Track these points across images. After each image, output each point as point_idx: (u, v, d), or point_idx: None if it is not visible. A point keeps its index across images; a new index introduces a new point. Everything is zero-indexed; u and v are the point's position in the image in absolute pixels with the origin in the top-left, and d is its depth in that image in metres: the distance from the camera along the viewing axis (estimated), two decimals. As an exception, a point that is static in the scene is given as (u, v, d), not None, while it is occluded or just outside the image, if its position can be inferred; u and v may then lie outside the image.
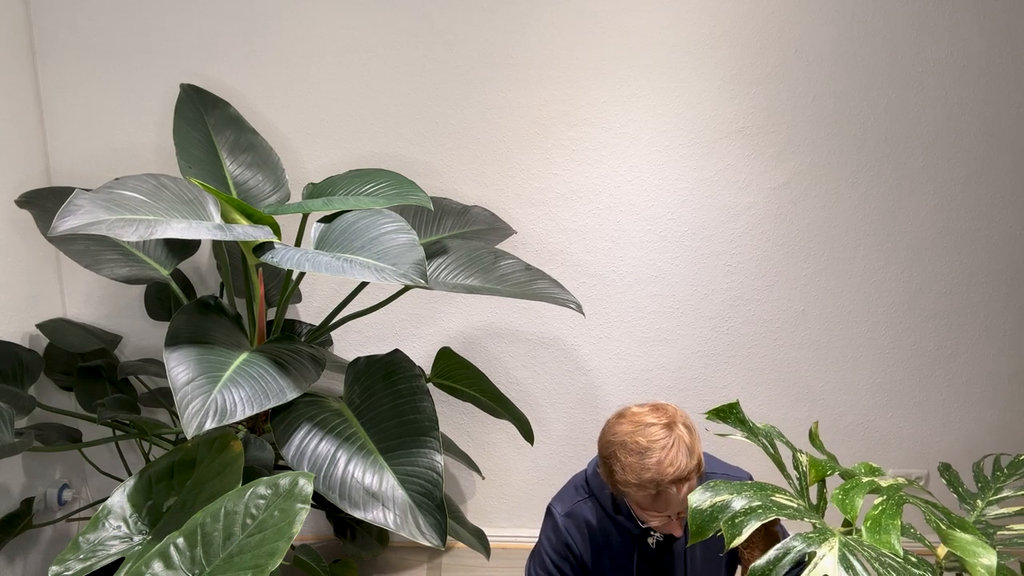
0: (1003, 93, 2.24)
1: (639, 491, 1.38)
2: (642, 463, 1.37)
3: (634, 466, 1.38)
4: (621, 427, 1.42)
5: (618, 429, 1.42)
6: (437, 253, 1.93)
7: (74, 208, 1.42)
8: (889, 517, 1.15)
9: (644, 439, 1.38)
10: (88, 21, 2.14)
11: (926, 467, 2.53)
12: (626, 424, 1.42)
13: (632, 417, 1.43)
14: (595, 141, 2.26)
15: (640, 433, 1.39)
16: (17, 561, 2.10)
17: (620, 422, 1.43)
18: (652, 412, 1.42)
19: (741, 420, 1.43)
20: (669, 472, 1.36)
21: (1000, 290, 2.39)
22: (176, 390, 1.44)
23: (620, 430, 1.42)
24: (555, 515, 1.58)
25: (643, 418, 1.41)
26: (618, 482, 1.41)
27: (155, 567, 1.17)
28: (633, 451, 1.38)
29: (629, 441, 1.39)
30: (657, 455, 1.37)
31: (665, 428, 1.39)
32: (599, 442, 1.47)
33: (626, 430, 1.41)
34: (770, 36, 2.19)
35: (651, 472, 1.36)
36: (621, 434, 1.41)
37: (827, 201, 2.31)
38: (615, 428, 1.43)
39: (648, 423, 1.40)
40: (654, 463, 1.36)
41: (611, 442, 1.43)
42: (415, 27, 2.17)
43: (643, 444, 1.38)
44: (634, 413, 1.44)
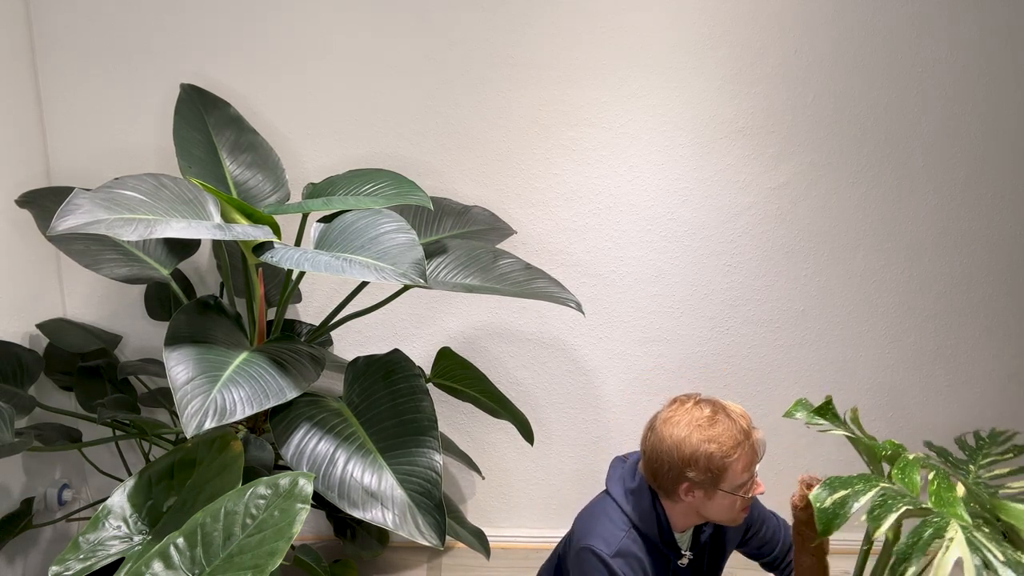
0: (1003, 93, 2.24)
1: (742, 450, 1.44)
2: (726, 431, 1.44)
3: (724, 435, 1.44)
4: (678, 426, 1.46)
5: (677, 430, 1.46)
6: (436, 252, 1.93)
7: (73, 207, 1.42)
8: (947, 490, 1.22)
9: (702, 414, 1.46)
10: (88, 21, 2.14)
11: (926, 467, 2.53)
12: (680, 421, 1.47)
13: (676, 413, 1.49)
14: (595, 141, 2.26)
15: (696, 416, 1.46)
16: (17, 561, 2.10)
17: (670, 424, 1.48)
18: (686, 402, 1.50)
19: (835, 416, 1.49)
20: (745, 416, 1.48)
21: (1000, 290, 2.39)
22: (176, 389, 1.44)
23: (682, 429, 1.46)
24: (604, 558, 1.50)
25: (686, 409, 1.48)
26: (721, 463, 1.43)
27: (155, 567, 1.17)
28: (709, 426, 1.45)
29: (698, 426, 1.45)
30: (724, 412, 1.47)
31: (703, 401, 1.49)
32: (669, 455, 1.47)
33: (687, 423, 1.46)
34: (770, 36, 2.19)
35: (736, 427, 1.45)
36: (686, 428, 1.45)
37: (827, 201, 2.31)
38: (672, 431, 1.47)
39: (691, 407, 1.48)
40: (731, 419, 1.45)
41: (684, 440, 1.45)
42: (415, 27, 2.17)
43: (708, 415, 1.46)
44: (668, 418, 1.49)
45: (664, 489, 1.51)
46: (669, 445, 1.46)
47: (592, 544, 1.52)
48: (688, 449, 1.44)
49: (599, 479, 2.50)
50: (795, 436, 2.50)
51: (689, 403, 1.50)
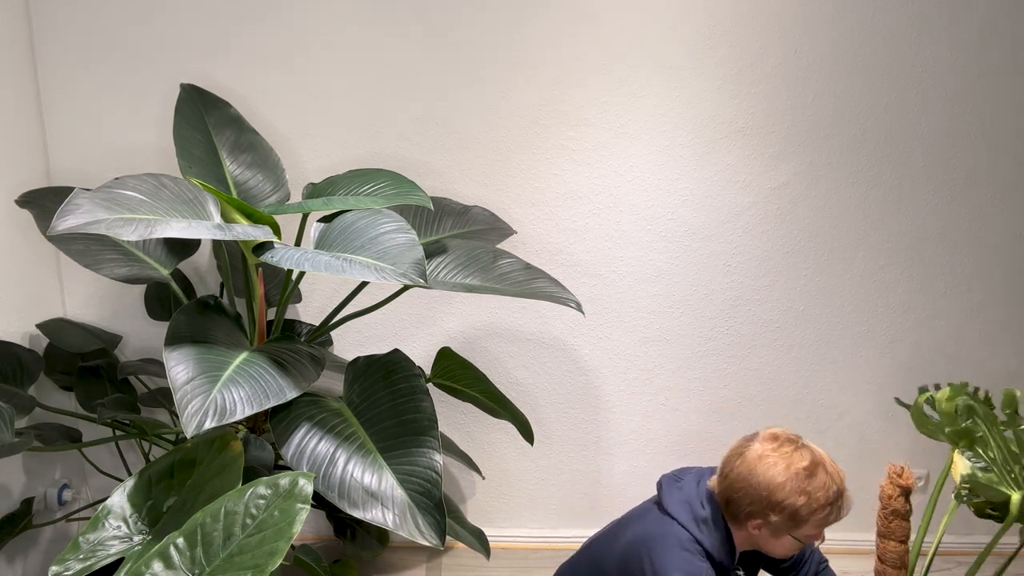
0: (1003, 93, 2.24)
1: (831, 510, 1.45)
2: (821, 486, 1.44)
3: (819, 491, 1.43)
4: (771, 467, 1.45)
5: (770, 471, 1.45)
6: (436, 252, 1.93)
7: (73, 207, 1.42)
8: None
9: (800, 463, 1.44)
10: (88, 21, 2.14)
11: (926, 467, 2.53)
12: (773, 463, 1.45)
13: (771, 454, 1.46)
14: (595, 141, 2.26)
15: (794, 462, 1.45)
16: (17, 561, 2.10)
17: (763, 463, 1.46)
18: (784, 443, 1.48)
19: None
20: (840, 474, 1.47)
21: (1000, 290, 2.39)
22: (176, 389, 1.44)
23: (774, 470, 1.45)
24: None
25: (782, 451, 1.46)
26: (808, 515, 1.44)
27: (155, 567, 1.17)
28: (806, 477, 1.43)
29: (793, 474, 1.44)
30: (823, 466, 1.45)
31: (800, 446, 1.47)
32: (755, 492, 1.46)
33: (782, 466, 1.45)
34: (770, 36, 2.19)
35: (834, 484, 1.45)
36: (781, 474, 1.44)
37: (827, 201, 2.31)
38: (764, 470, 1.45)
39: (788, 452, 1.46)
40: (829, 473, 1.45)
41: (776, 484, 1.44)
42: (415, 27, 2.17)
43: (806, 466, 1.44)
44: (765, 456, 1.46)
45: (734, 516, 1.52)
46: (760, 484, 1.45)
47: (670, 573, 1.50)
48: (780, 495, 1.44)
49: (599, 479, 2.51)
50: (795, 436, 2.50)
51: (789, 446, 1.47)
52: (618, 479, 2.51)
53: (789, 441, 1.48)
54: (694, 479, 1.61)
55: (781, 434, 1.50)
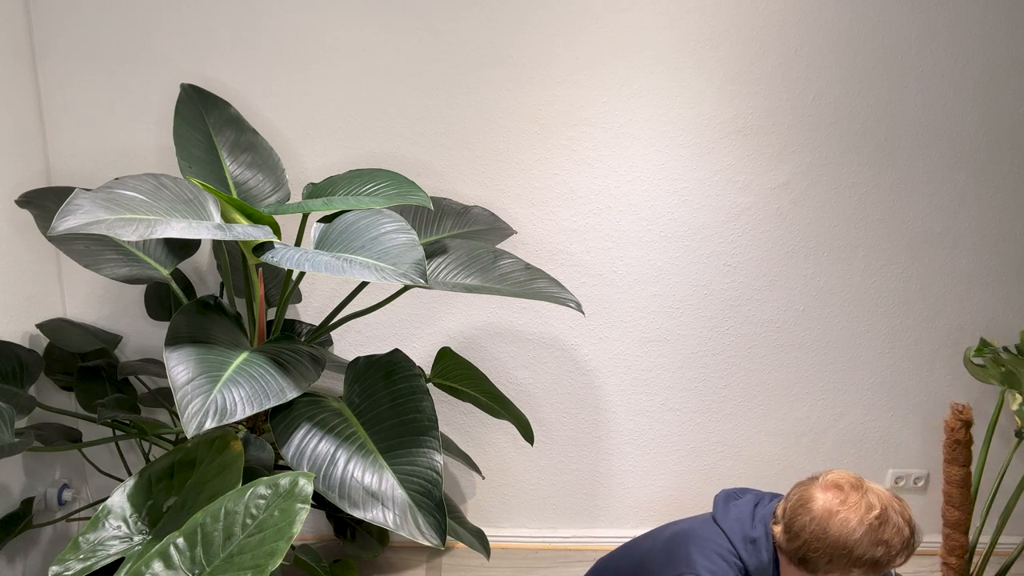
0: (1003, 93, 2.24)
1: (906, 555, 1.46)
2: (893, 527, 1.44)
3: (895, 535, 1.44)
4: (847, 527, 1.44)
5: (840, 525, 1.44)
6: (437, 253, 1.93)
7: (74, 208, 1.42)
8: None
9: (870, 516, 1.44)
10: (88, 21, 2.14)
11: (926, 467, 2.53)
12: (851, 521, 1.44)
13: (839, 515, 1.45)
14: (595, 141, 2.26)
15: (862, 514, 1.44)
16: (17, 561, 2.10)
17: (839, 525, 1.45)
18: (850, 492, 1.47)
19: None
20: (907, 512, 1.47)
21: (1000, 290, 2.39)
22: (176, 389, 1.44)
23: (844, 525, 1.44)
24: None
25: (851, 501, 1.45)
26: (888, 561, 1.45)
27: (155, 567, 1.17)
28: (880, 525, 1.44)
29: (869, 524, 1.44)
30: (891, 510, 1.45)
31: (861, 496, 1.46)
32: (836, 551, 1.45)
33: (850, 520, 1.44)
34: (770, 36, 2.19)
35: (906, 536, 1.45)
36: (856, 525, 1.44)
37: (827, 201, 2.31)
38: (845, 532, 1.44)
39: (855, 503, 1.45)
40: (898, 511, 1.45)
41: (857, 542, 1.44)
42: (415, 27, 2.17)
43: (878, 514, 1.44)
44: (835, 512, 1.45)
45: (806, 564, 1.49)
46: (837, 543, 1.45)
47: (696, 567, 1.53)
48: (859, 551, 1.44)
49: (599, 479, 2.51)
50: (795, 436, 2.50)
51: (855, 495, 1.46)
52: (618, 479, 2.51)
53: (854, 489, 1.47)
54: (752, 501, 1.61)
55: (843, 482, 1.49)
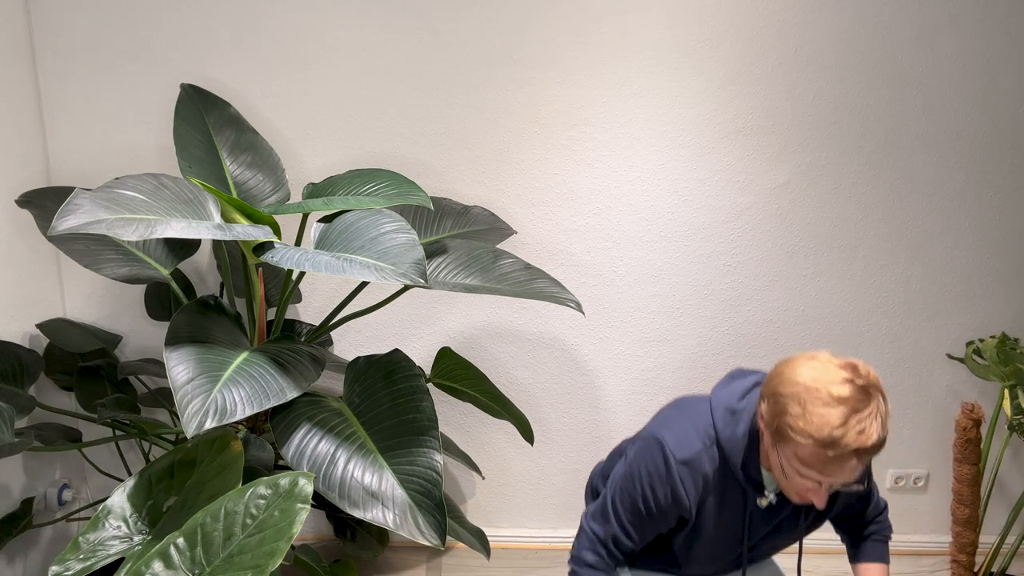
0: (1003, 93, 2.24)
1: (813, 447, 1.21)
2: (830, 419, 1.19)
3: (818, 418, 1.20)
4: (812, 370, 1.24)
5: (807, 371, 1.24)
6: (437, 252, 1.93)
7: (74, 207, 1.42)
8: None
9: (841, 392, 1.20)
10: (88, 21, 2.14)
11: (926, 467, 2.53)
12: (818, 369, 1.23)
13: (826, 364, 1.24)
14: (595, 141, 2.26)
15: (835, 384, 1.21)
16: (17, 561, 2.10)
17: (811, 364, 1.25)
18: (851, 369, 1.24)
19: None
20: (859, 440, 1.19)
21: (1000, 290, 2.39)
22: (176, 389, 1.44)
23: (810, 372, 1.23)
24: (669, 456, 1.39)
25: (838, 372, 1.23)
26: (789, 427, 1.23)
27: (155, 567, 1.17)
28: (823, 401, 1.20)
29: (822, 387, 1.21)
30: (849, 417, 1.19)
31: (863, 392, 1.21)
32: (774, 377, 1.29)
33: (821, 375, 1.22)
34: (770, 36, 2.19)
35: (839, 431, 1.19)
36: (811, 376, 1.23)
37: (827, 201, 2.31)
38: (803, 368, 1.25)
39: (845, 379, 1.22)
40: (842, 424, 1.19)
41: (796, 380, 1.24)
42: (415, 27, 2.17)
43: (837, 397, 1.20)
44: (829, 361, 1.25)
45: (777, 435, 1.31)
46: (785, 367, 1.28)
47: (665, 439, 1.41)
48: (785, 387, 1.26)
49: (599, 479, 2.51)
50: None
51: (846, 371, 1.23)
52: (618, 479, 2.51)
53: (856, 372, 1.24)
54: (754, 380, 1.45)
55: (861, 367, 1.26)
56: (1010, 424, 2.11)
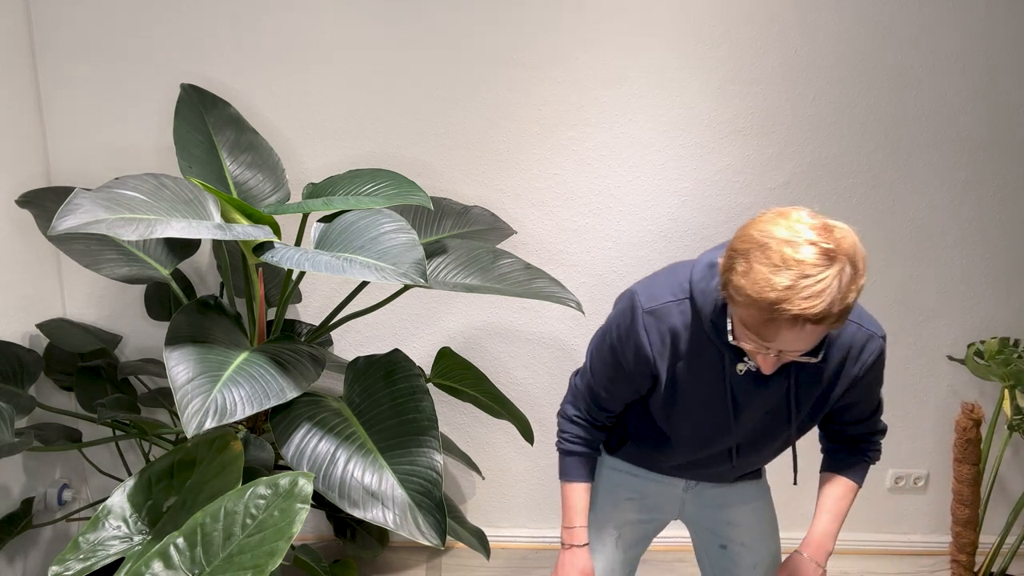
0: (1003, 93, 2.24)
1: (750, 307, 1.12)
2: (772, 280, 1.08)
3: (761, 278, 1.09)
4: (775, 227, 1.11)
5: (769, 227, 1.12)
6: (437, 252, 1.93)
7: (74, 207, 1.42)
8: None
9: (795, 254, 1.07)
10: (88, 21, 2.14)
11: (926, 467, 2.53)
12: (782, 227, 1.11)
13: (794, 223, 1.11)
14: (595, 141, 2.26)
15: (793, 245, 1.08)
16: (17, 561, 2.10)
17: (776, 220, 1.13)
18: (822, 231, 1.10)
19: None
20: (800, 306, 1.07)
21: (1000, 290, 2.39)
22: (176, 389, 1.44)
23: (771, 229, 1.11)
24: (637, 305, 1.32)
25: (804, 232, 1.09)
26: (731, 283, 1.14)
27: (155, 567, 1.17)
28: (772, 261, 1.09)
29: (775, 247, 1.09)
30: (796, 281, 1.07)
31: (824, 256, 1.07)
32: (738, 231, 1.18)
33: (779, 234, 1.10)
34: (770, 36, 2.19)
35: (777, 294, 1.08)
36: (770, 234, 1.11)
37: (827, 201, 2.31)
38: (766, 224, 1.13)
39: (808, 240, 1.08)
40: (786, 287, 1.07)
41: (752, 236, 1.13)
42: (415, 27, 2.17)
43: (789, 259, 1.07)
44: (800, 220, 1.12)
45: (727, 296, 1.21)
46: (749, 222, 1.17)
47: (637, 290, 1.34)
48: (738, 241, 1.15)
49: (599, 479, 2.51)
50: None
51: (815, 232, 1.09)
52: (618, 479, 2.51)
53: (826, 234, 1.10)
54: None
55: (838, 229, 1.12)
56: (1010, 424, 2.12)
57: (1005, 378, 2.12)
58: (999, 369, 2.11)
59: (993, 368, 2.13)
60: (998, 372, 2.12)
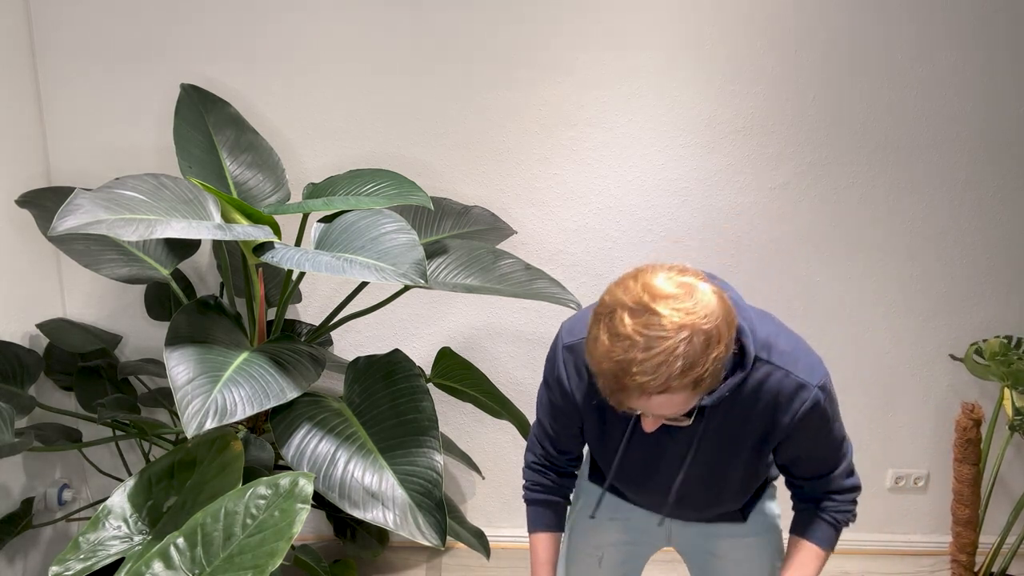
0: (1003, 93, 2.24)
1: (596, 376, 1.06)
2: (611, 351, 1.02)
3: (602, 347, 1.03)
4: (625, 292, 1.04)
5: (619, 292, 1.05)
6: (437, 253, 1.93)
7: (74, 208, 1.42)
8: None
9: (635, 323, 1.00)
10: (88, 21, 2.14)
11: (926, 467, 2.53)
12: (633, 292, 1.04)
13: (644, 288, 1.03)
14: (595, 141, 2.26)
15: (636, 314, 1.01)
16: (17, 561, 2.10)
17: (628, 284, 1.05)
18: (671, 299, 1.01)
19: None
20: (638, 380, 1.00)
21: (1000, 290, 2.39)
22: (176, 390, 1.44)
23: (619, 294, 1.04)
24: (559, 339, 1.31)
25: (652, 299, 1.02)
26: (585, 349, 1.08)
27: (155, 567, 1.17)
28: (614, 329, 1.02)
29: (619, 314, 1.02)
30: (632, 353, 1.00)
31: (665, 327, 1.00)
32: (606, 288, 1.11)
33: (626, 300, 1.03)
34: (770, 36, 2.19)
35: (613, 366, 1.02)
36: (618, 299, 1.04)
37: (827, 201, 2.31)
38: (618, 287, 1.06)
39: (652, 309, 1.01)
40: (622, 360, 1.01)
41: (604, 300, 1.06)
42: (415, 27, 2.17)
43: (630, 328, 1.00)
44: (651, 285, 1.03)
45: None
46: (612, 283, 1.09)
47: (564, 324, 1.32)
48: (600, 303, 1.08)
49: (599, 479, 2.51)
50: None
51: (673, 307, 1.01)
52: (618, 479, 2.51)
53: (675, 297, 1.01)
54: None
55: (694, 288, 1.03)
56: (1010, 424, 2.12)
57: (1005, 378, 2.12)
58: (999, 369, 2.11)
59: (993, 368, 2.13)
60: (998, 372, 2.12)
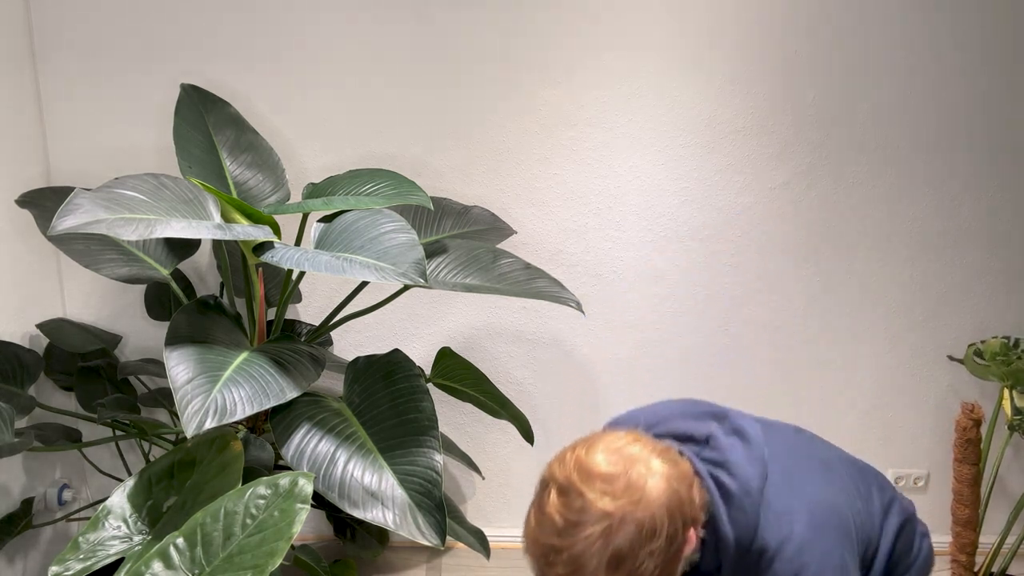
0: (1004, 93, 2.24)
1: (528, 562, 1.02)
2: (535, 532, 0.98)
3: (529, 525, 1.00)
4: (560, 466, 1.00)
5: (555, 466, 1.01)
6: (437, 252, 1.93)
7: (74, 207, 1.42)
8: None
9: (559, 504, 0.95)
10: (88, 21, 2.14)
11: (926, 467, 2.53)
12: (568, 468, 0.98)
13: (582, 459, 0.98)
14: (595, 141, 2.26)
15: (565, 493, 0.96)
16: (17, 561, 2.10)
17: (566, 458, 1.00)
18: (607, 479, 0.95)
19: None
20: (557, 573, 0.95)
21: (1000, 290, 2.39)
22: (176, 389, 1.44)
23: (555, 469, 1.00)
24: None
25: (584, 477, 0.96)
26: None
27: (155, 567, 1.17)
28: (541, 507, 0.98)
29: (550, 487, 0.99)
30: (549, 538, 0.95)
31: (598, 507, 0.93)
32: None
33: (559, 477, 0.98)
34: (770, 36, 2.19)
35: (536, 550, 0.98)
36: (552, 474, 1.00)
37: (827, 201, 2.31)
38: (557, 460, 1.02)
39: (581, 491, 0.95)
40: (543, 541, 0.96)
41: (543, 473, 1.03)
42: (415, 27, 2.17)
43: (548, 509, 0.96)
44: (588, 461, 0.97)
45: None
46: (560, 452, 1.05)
47: None
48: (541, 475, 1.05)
49: (599, 479, 2.50)
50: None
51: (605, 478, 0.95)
52: (618, 479, 2.51)
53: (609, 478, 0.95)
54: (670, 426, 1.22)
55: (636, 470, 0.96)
56: (1010, 424, 2.12)
57: (1005, 378, 2.12)
58: (999, 369, 2.11)
59: (993, 368, 2.13)
60: (998, 372, 2.12)
